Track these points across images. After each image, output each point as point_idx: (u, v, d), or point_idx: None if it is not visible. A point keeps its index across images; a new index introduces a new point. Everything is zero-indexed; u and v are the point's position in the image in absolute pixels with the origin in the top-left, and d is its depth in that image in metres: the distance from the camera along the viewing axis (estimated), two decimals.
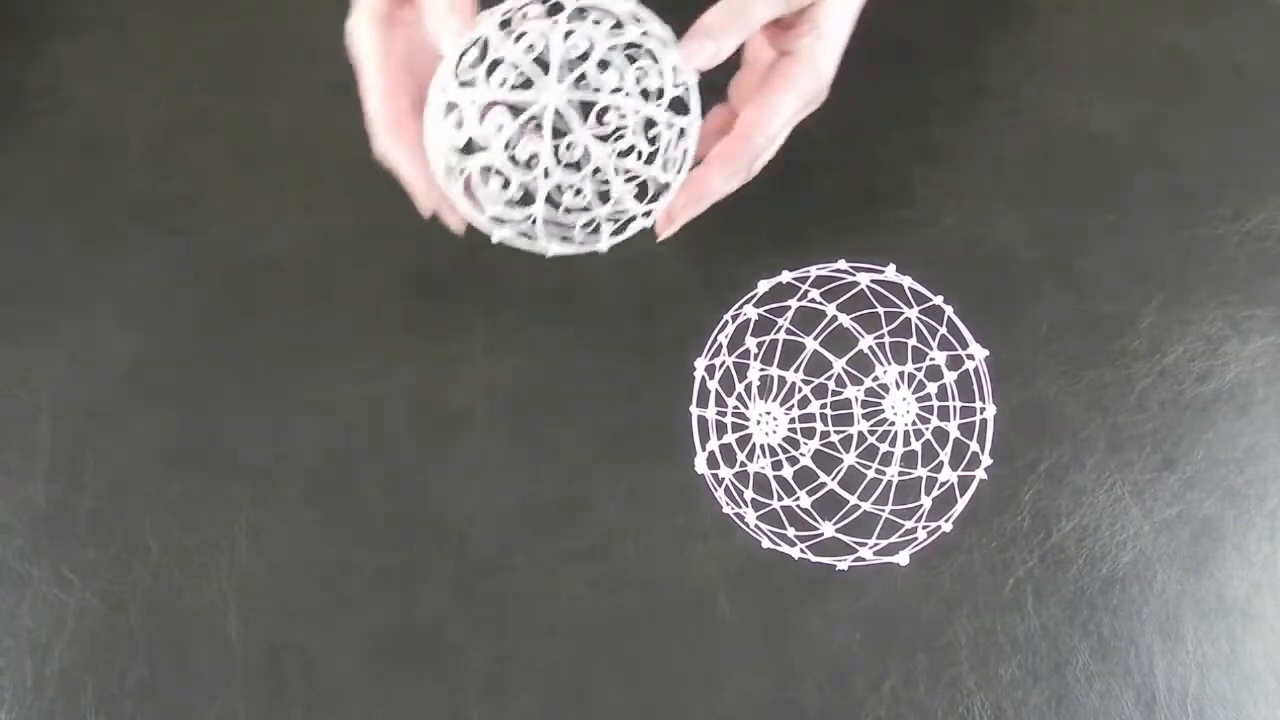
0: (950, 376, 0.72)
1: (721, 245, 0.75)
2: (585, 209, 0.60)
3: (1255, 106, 0.80)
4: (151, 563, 0.68)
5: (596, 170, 0.59)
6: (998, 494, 0.70)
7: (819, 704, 0.65)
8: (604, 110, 0.58)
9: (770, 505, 0.69)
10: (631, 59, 0.59)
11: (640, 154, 0.59)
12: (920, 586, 0.68)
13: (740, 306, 0.74)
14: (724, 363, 0.73)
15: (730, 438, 0.71)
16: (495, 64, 0.57)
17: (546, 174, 0.58)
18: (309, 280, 0.75)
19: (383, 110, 0.63)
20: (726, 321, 0.74)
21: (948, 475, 0.70)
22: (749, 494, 0.70)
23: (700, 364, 0.73)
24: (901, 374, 0.72)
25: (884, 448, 0.71)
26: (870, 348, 0.73)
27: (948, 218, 0.76)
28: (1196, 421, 0.71)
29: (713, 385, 0.72)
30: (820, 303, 0.74)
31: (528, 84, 0.57)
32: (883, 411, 0.71)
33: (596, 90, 0.57)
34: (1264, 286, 0.75)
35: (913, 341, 0.73)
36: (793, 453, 0.71)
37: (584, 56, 0.57)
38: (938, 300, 0.74)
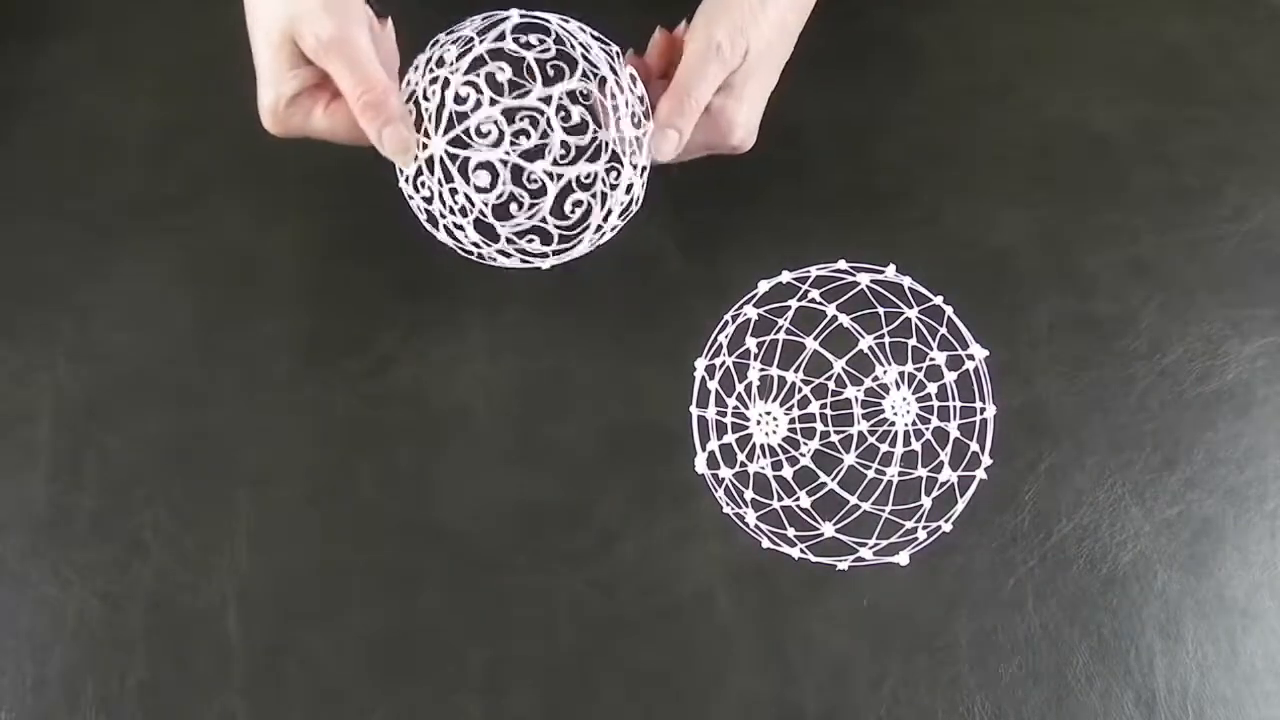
0: (950, 376, 0.72)
1: (721, 245, 0.75)
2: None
3: (1255, 106, 0.80)
4: (151, 563, 0.68)
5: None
6: (998, 494, 0.70)
7: (819, 704, 0.65)
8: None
9: (770, 505, 0.69)
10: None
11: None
12: (920, 586, 0.68)
13: (740, 306, 0.74)
14: (724, 363, 0.73)
15: (730, 438, 0.71)
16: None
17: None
18: (308, 280, 0.75)
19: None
20: (726, 321, 0.74)
21: (948, 475, 0.70)
22: (749, 494, 0.70)
23: (700, 364, 0.73)
24: (901, 374, 0.72)
25: (884, 448, 0.71)
26: (870, 348, 0.73)
27: (948, 218, 0.77)
28: (1197, 421, 0.71)
29: (713, 385, 0.72)
30: (820, 303, 0.74)
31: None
32: (883, 411, 0.71)
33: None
34: (1264, 286, 0.75)
35: (913, 341, 0.73)
36: (793, 453, 0.71)
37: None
38: (938, 300, 0.74)
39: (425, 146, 0.63)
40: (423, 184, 0.64)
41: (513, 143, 0.62)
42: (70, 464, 0.71)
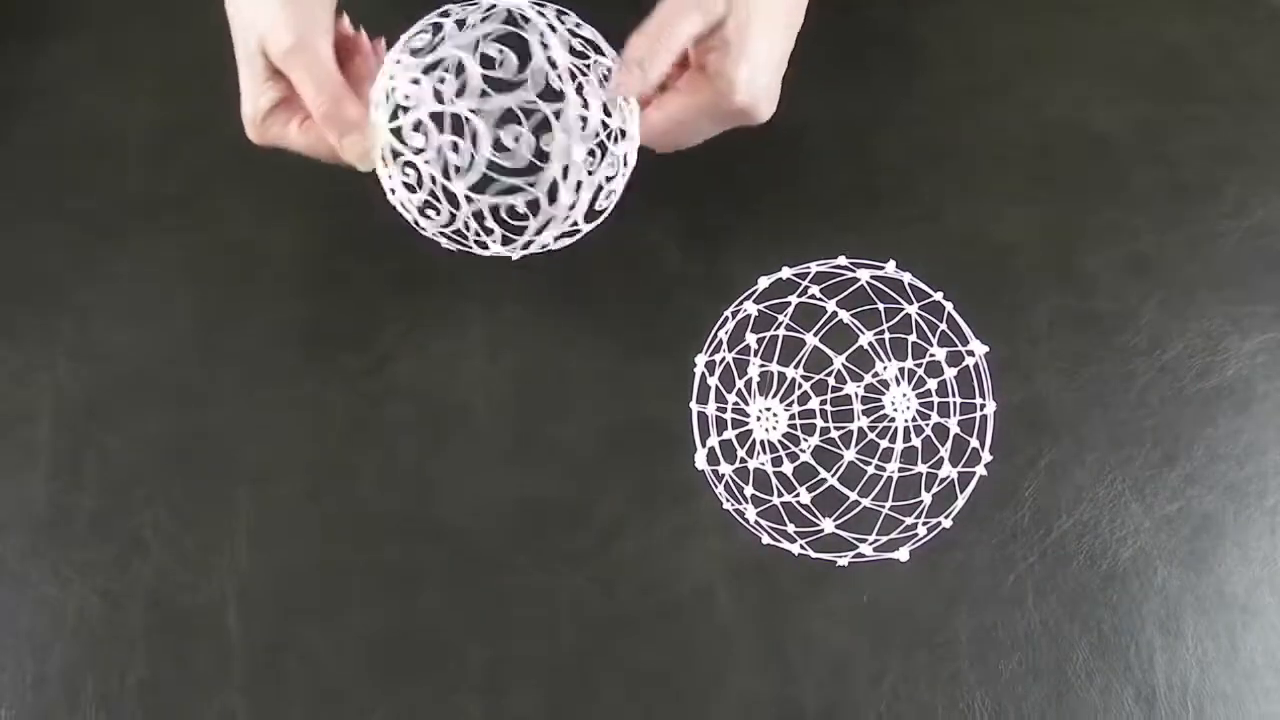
0: (950, 372, 0.72)
1: (722, 241, 0.75)
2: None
3: (1255, 104, 0.80)
4: (151, 561, 0.68)
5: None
6: (998, 490, 0.69)
7: (819, 701, 0.65)
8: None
9: (770, 501, 0.69)
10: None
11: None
12: (920, 583, 0.68)
13: (740, 303, 0.74)
14: (724, 359, 0.73)
15: (730, 434, 0.71)
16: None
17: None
18: (308, 278, 0.75)
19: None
20: (726, 318, 0.74)
21: (948, 471, 0.70)
22: (749, 490, 0.70)
23: (700, 360, 0.73)
24: (902, 370, 0.72)
25: (884, 444, 0.71)
26: (870, 344, 0.73)
27: (948, 214, 0.77)
28: (1197, 417, 0.71)
29: (713, 381, 0.72)
30: (820, 299, 0.74)
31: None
32: (883, 407, 0.71)
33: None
34: (1264, 283, 0.75)
35: (913, 338, 0.73)
36: (793, 449, 0.71)
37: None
38: (938, 296, 0.74)
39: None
40: (390, 176, 0.64)
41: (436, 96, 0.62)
42: (70, 463, 0.71)
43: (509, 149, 0.62)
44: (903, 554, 0.68)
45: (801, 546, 0.68)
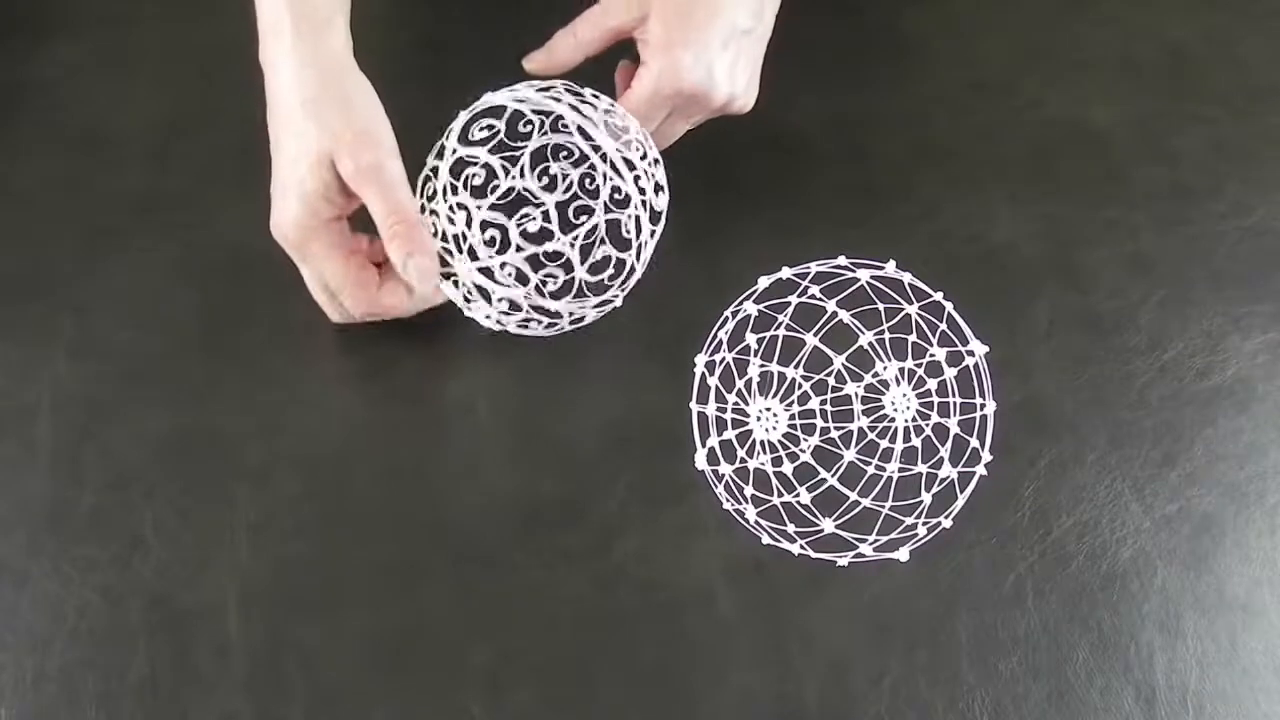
0: (950, 372, 0.72)
1: (722, 242, 0.75)
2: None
3: (1254, 102, 0.80)
4: (151, 559, 0.68)
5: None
6: (998, 490, 0.69)
7: (819, 700, 0.65)
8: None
9: (770, 501, 0.69)
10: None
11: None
12: (920, 582, 0.68)
13: (740, 303, 0.74)
14: (724, 359, 0.73)
15: (730, 434, 0.71)
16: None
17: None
18: None
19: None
20: (726, 318, 0.74)
21: (948, 471, 0.70)
22: (749, 490, 0.70)
23: (700, 360, 0.73)
24: (901, 370, 0.72)
25: (884, 444, 0.71)
26: (870, 344, 0.73)
27: (948, 214, 0.77)
28: (1197, 417, 0.71)
29: (713, 381, 0.72)
30: (820, 299, 0.74)
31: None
32: (883, 407, 0.71)
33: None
34: (1264, 282, 0.75)
35: (913, 338, 0.73)
36: (793, 449, 0.71)
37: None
38: (938, 296, 0.74)
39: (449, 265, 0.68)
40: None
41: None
42: (70, 460, 0.71)
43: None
44: (903, 554, 0.68)
45: (801, 546, 0.68)
